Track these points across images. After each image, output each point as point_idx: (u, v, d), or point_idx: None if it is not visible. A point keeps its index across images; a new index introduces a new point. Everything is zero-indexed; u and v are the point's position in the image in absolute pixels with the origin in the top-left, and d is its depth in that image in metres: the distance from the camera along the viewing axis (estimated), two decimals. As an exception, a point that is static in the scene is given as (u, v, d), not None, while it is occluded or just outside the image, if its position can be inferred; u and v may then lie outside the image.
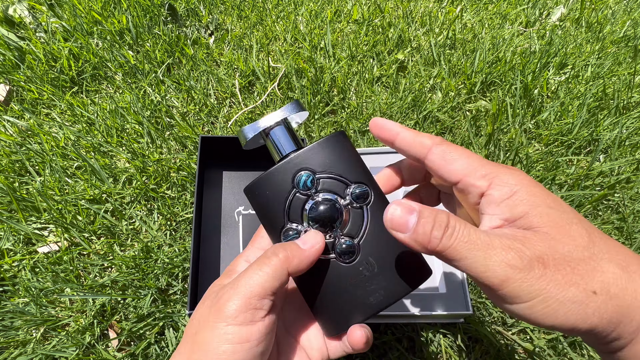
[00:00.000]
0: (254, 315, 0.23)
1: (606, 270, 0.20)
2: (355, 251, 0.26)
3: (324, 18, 0.84)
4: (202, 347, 0.23)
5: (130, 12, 0.79)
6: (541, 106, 0.68)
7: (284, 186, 0.27)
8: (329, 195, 0.26)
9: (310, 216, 0.26)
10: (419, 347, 0.44)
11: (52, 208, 0.51)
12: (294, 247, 0.25)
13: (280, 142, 0.29)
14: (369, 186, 0.27)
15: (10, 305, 0.44)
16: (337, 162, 0.27)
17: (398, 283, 0.26)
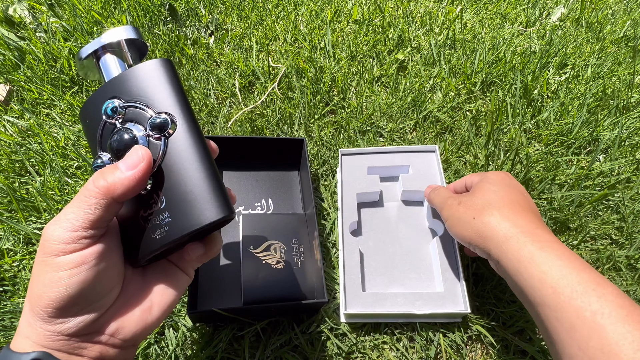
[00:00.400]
0: (84, 243, 0.23)
1: (492, 213, 0.36)
2: (147, 183, 0.25)
3: (324, 18, 0.84)
4: (39, 279, 0.23)
5: (130, 12, 0.79)
6: (541, 106, 0.68)
7: (98, 114, 0.26)
8: (130, 124, 0.25)
9: (114, 138, 0.25)
10: (418, 347, 0.44)
11: (52, 208, 0.51)
12: (116, 173, 0.23)
13: (107, 68, 0.27)
14: (173, 117, 0.25)
15: (10, 305, 0.44)
16: (147, 91, 0.26)
17: (184, 220, 0.24)
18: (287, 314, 0.45)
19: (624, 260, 0.49)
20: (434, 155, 0.55)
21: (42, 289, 0.23)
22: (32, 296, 0.23)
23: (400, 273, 0.48)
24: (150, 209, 0.25)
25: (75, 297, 0.23)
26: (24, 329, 0.24)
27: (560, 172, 0.59)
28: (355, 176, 0.53)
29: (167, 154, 0.25)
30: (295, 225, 0.50)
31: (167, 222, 0.25)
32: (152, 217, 0.25)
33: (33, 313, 0.23)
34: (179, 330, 0.44)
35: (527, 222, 0.34)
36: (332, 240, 0.52)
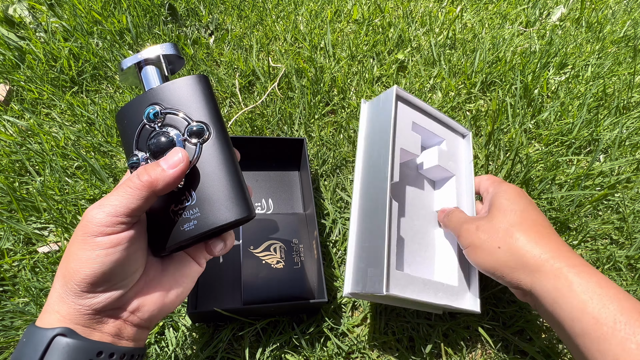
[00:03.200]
0: (121, 227, 0.26)
1: (517, 238, 0.34)
2: (181, 181, 0.28)
3: (324, 18, 0.84)
4: (77, 256, 0.26)
5: (130, 12, 0.79)
6: (541, 106, 0.68)
7: (137, 117, 0.29)
8: (169, 129, 0.29)
9: (152, 141, 0.28)
10: (418, 347, 0.44)
11: (52, 208, 0.51)
12: (159, 170, 0.27)
13: (148, 78, 0.31)
14: (208, 126, 0.29)
15: (10, 305, 0.44)
16: (185, 101, 0.29)
17: (211, 217, 0.28)
18: (287, 314, 0.45)
19: (624, 260, 0.49)
20: (464, 140, 0.50)
21: (79, 265, 0.25)
22: (68, 271, 0.26)
23: (414, 256, 0.43)
24: (181, 204, 0.28)
25: (108, 274, 0.26)
26: (54, 304, 0.26)
27: (560, 172, 0.59)
28: (400, 127, 0.44)
29: (200, 158, 0.28)
30: (295, 225, 0.50)
31: (196, 217, 0.28)
32: (182, 211, 0.28)
33: (67, 288, 0.26)
34: (179, 330, 0.44)
35: (556, 246, 0.33)
36: (332, 240, 0.52)
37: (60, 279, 0.26)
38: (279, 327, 0.44)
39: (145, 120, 0.29)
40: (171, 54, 0.32)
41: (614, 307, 0.28)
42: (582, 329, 0.28)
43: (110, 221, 0.26)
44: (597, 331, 0.27)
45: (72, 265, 0.26)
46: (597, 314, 0.28)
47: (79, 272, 0.25)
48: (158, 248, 0.29)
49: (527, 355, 0.44)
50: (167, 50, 0.31)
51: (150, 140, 0.28)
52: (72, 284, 0.26)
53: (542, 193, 0.56)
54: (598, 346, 0.27)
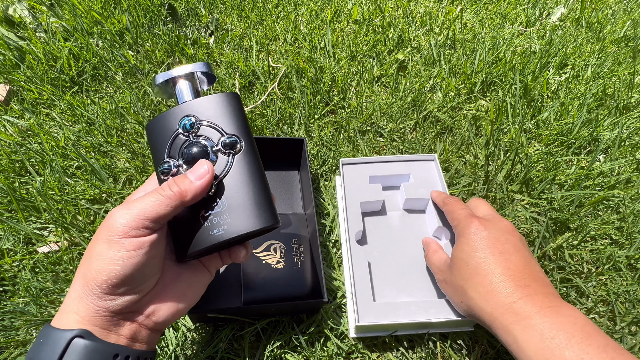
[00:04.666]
0: (144, 231, 0.27)
1: (470, 297, 0.36)
2: (212, 188, 0.30)
3: (324, 18, 0.84)
4: (100, 256, 0.26)
5: (130, 12, 0.79)
6: (541, 106, 0.68)
7: (171, 127, 0.31)
8: (203, 139, 0.31)
9: (187, 149, 0.30)
10: (418, 346, 0.44)
11: (52, 208, 0.51)
12: (187, 182, 0.28)
13: (182, 92, 0.33)
14: (240, 139, 0.31)
15: (10, 305, 0.44)
16: (219, 115, 0.31)
17: (240, 223, 0.29)
18: (287, 314, 0.45)
19: (624, 260, 0.49)
20: (433, 164, 0.55)
21: (102, 265, 0.26)
22: (90, 272, 0.26)
23: (408, 282, 0.47)
24: (211, 210, 0.29)
25: (128, 277, 0.26)
26: (73, 304, 0.26)
27: (560, 172, 0.59)
28: (357, 185, 0.52)
29: (232, 168, 0.30)
30: (296, 225, 0.50)
31: (225, 223, 0.29)
32: (212, 217, 0.29)
33: (87, 288, 0.26)
34: (179, 330, 0.44)
35: (505, 300, 0.33)
36: (332, 240, 0.52)
37: (81, 279, 0.27)
38: (279, 327, 0.44)
39: (181, 130, 0.31)
40: (204, 72, 0.34)
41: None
42: None
43: (137, 224, 0.26)
44: None
45: (95, 265, 0.26)
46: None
47: (101, 273, 0.26)
48: (184, 252, 0.30)
49: (527, 355, 0.44)
50: (200, 68, 0.34)
51: (185, 149, 0.30)
52: (94, 285, 0.26)
53: (542, 193, 0.56)
54: None
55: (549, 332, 0.29)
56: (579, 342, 0.28)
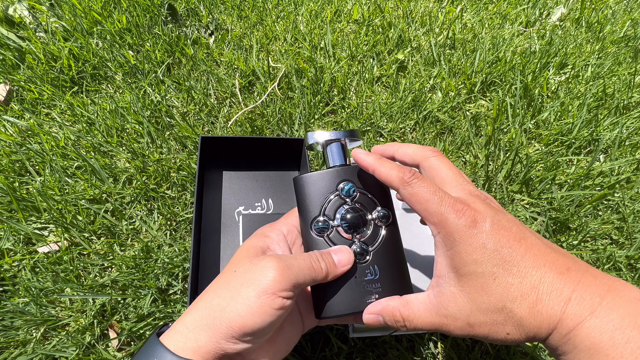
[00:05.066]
0: (292, 294, 0.27)
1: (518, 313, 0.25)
2: (367, 256, 0.31)
3: (324, 18, 0.84)
4: (247, 305, 0.26)
5: (130, 12, 0.79)
6: (541, 106, 0.68)
7: (329, 187, 0.33)
8: (360, 207, 0.33)
9: (342, 216, 0.32)
10: (418, 346, 0.44)
11: (52, 208, 0.51)
12: (332, 264, 0.30)
13: (334, 154, 0.35)
14: (391, 213, 0.33)
15: (11, 305, 0.44)
16: (374, 187, 0.33)
17: (391, 293, 0.31)
18: (288, 314, 0.45)
19: (624, 260, 0.49)
20: None
21: (245, 313, 0.26)
22: (229, 312, 0.26)
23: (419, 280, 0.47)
24: (365, 276, 0.31)
25: (261, 330, 0.26)
26: (196, 332, 0.26)
27: (560, 172, 0.59)
28: None
29: (383, 240, 0.32)
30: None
31: (377, 292, 0.31)
32: (365, 283, 0.31)
33: (218, 326, 0.26)
34: (179, 330, 0.44)
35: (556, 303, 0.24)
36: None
37: (215, 312, 0.26)
38: (279, 327, 0.44)
39: (341, 194, 0.33)
40: (354, 139, 0.37)
41: None
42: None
43: (290, 287, 0.27)
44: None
45: (238, 309, 0.26)
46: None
47: (241, 320, 0.26)
48: (330, 311, 0.31)
49: (527, 355, 0.44)
50: (352, 135, 0.36)
51: (345, 214, 0.32)
52: (228, 326, 0.26)
53: (542, 193, 0.56)
54: None
55: (620, 333, 0.21)
56: None
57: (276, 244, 0.32)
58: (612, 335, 0.21)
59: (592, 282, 0.23)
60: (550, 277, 0.24)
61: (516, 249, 0.25)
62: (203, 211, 0.51)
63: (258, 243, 0.31)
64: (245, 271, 0.28)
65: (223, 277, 0.29)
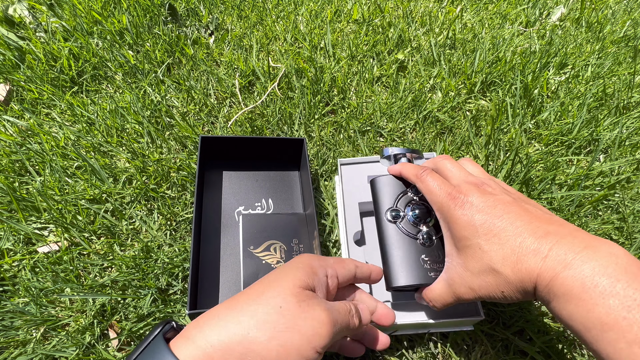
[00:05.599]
0: (325, 349, 0.29)
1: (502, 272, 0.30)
2: (433, 241, 0.39)
3: (324, 18, 0.84)
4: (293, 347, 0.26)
5: (130, 12, 0.79)
6: (541, 106, 0.68)
7: (400, 187, 0.42)
8: (426, 203, 0.41)
9: (412, 208, 0.40)
10: (418, 346, 0.44)
11: (52, 208, 0.51)
12: (366, 317, 0.34)
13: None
14: None
15: (10, 305, 0.44)
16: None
17: None
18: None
19: (624, 260, 0.49)
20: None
21: (282, 358, 0.26)
22: (270, 357, 0.26)
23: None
24: (431, 257, 0.38)
25: None
26: (226, 355, 0.25)
27: (560, 172, 0.59)
28: (356, 185, 0.52)
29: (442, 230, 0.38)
30: (295, 225, 0.50)
31: (441, 270, 0.37)
32: (430, 263, 0.38)
33: (246, 358, 0.25)
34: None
35: (533, 261, 0.29)
36: (332, 240, 0.52)
37: (254, 347, 0.25)
38: (279, 327, 0.44)
39: (410, 192, 0.41)
40: (418, 156, 0.45)
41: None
42: None
43: (329, 345, 0.28)
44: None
45: (280, 354, 0.26)
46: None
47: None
48: (398, 281, 0.38)
49: (527, 355, 0.44)
50: (416, 153, 0.45)
51: (415, 207, 0.40)
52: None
53: (542, 193, 0.56)
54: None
55: (590, 280, 0.25)
56: (625, 288, 0.24)
57: (321, 286, 0.32)
58: (582, 282, 0.25)
59: (570, 241, 0.27)
60: (529, 241, 0.28)
61: (498, 223, 0.30)
62: (203, 211, 0.51)
63: (307, 280, 0.30)
64: (293, 315, 0.27)
65: (264, 307, 0.27)
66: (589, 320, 0.25)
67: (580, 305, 0.25)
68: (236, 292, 0.46)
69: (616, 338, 0.24)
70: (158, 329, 0.27)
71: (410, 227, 0.39)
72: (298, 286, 0.29)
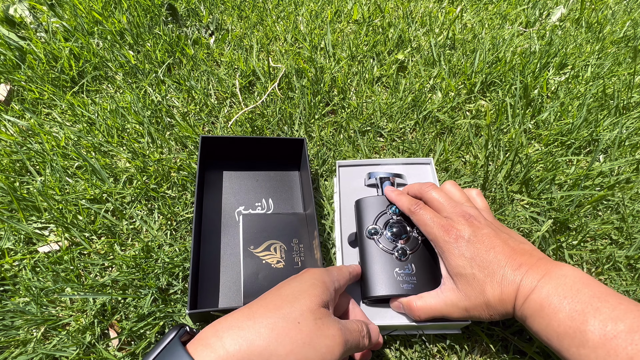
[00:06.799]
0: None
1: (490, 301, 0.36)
2: (407, 256, 0.43)
3: (324, 18, 0.84)
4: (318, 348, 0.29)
5: (130, 12, 0.79)
6: (541, 106, 0.68)
7: (380, 207, 0.46)
8: (404, 222, 0.45)
9: (390, 226, 0.44)
10: (418, 346, 0.44)
11: (52, 208, 0.51)
12: (375, 342, 0.36)
13: (383, 187, 0.49)
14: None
15: (11, 305, 0.44)
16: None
17: (423, 288, 0.41)
18: (288, 313, 0.45)
19: (623, 261, 0.49)
20: (429, 167, 0.55)
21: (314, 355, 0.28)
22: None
23: None
24: (404, 270, 0.42)
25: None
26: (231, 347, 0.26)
27: (560, 172, 0.59)
28: (353, 187, 0.53)
29: (419, 247, 0.44)
30: (296, 225, 0.50)
31: (413, 283, 0.41)
32: (403, 275, 0.42)
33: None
34: (179, 329, 0.44)
35: (512, 290, 0.35)
36: (332, 240, 0.52)
37: (274, 358, 0.27)
38: (279, 327, 0.44)
39: (389, 211, 0.46)
40: (400, 179, 0.51)
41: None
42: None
43: (344, 355, 0.30)
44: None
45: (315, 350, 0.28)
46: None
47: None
48: (373, 292, 0.41)
49: (526, 355, 0.44)
50: (398, 176, 0.51)
51: (392, 225, 0.44)
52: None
53: (541, 193, 0.56)
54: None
55: (546, 300, 0.32)
56: (570, 302, 0.31)
57: (332, 301, 0.34)
58: (541, 303, 0.32)
59: (535, 270, 0.34)
60: (508, 274, 0.34)
61: (486, 257, 0.36)
62: (203, 211, 0.52)
63: (322, 297, 0.32)
64: (310, 332, 0.29)
65: (283, 321, 0.29)
66: (548, 332, 0.31)
67: (542, 321, 0.32)
68: (236, 292, 0.46)
69: (569, 344, 0.29)
70: (174, 333, 0.28)
71: (387, 243, 0.43)
72: (315, 303, 0.31)
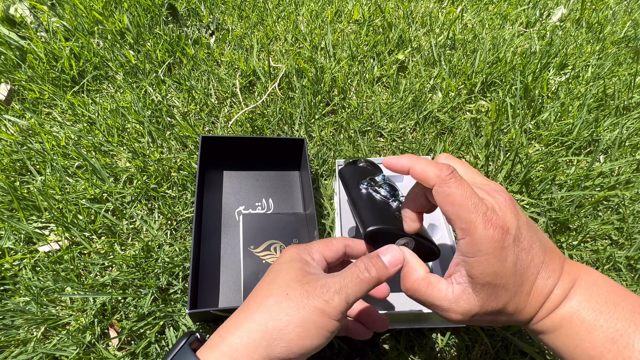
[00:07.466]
0: (342, 316, 0.29)
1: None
2: (397, 200, 0.39)
3: (324, 18, 0.84)
4: (309, 330, 0.27)
5: (131, 12, 0.79)
6: (541, 107, 0.68)
7: (366, 174, 0.42)
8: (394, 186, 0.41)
9: (384, 185, 0.40)
10: (418, 346, 0.44)
11: (53, 207, 0.51)
12: (382, 267, 0.30)
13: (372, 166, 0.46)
14: None
15: (11, 304, 0.44)
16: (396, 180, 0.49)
17: (422, 240, 0.36)
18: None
19: (623, 261, 0.49)
20: None
21: (306, 337, 0.27)
22: (292, 336, 0.27)
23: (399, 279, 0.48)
24: (398, 210, 0.38)
25: (314, 349, 0.28)
26: (254, 355, 0.26)
27: (560, 172, 0.59)
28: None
29: None
30: (296, 224, 0.50)
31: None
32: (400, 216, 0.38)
33: (277, 348, 0.26)
34: (179, 329, 0.44)
35: (543, 299, 0.29)
36: (332, 240, 0.52)
37: (276, 334, 0.26)
38: (279, 327, 0.44)
39: (378, 178, 0.42)
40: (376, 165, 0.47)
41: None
42: None
43: (345, 308, 0.28)
44: None
45: (299, 332, 0.27)
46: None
47: (302, 344, 0.27)
48: (373, 224, 0.36)
49: (526, 355, 0.44)
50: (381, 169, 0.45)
51: (385, 185, 0.41)
52: (288, 350, 0.26)
53: (542, 193, 0.56)
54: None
55: (577, 315, 0.27)
56: (607, 319, 0.26)
57: (319, 266, 0.32)
58: (570, 317, 0.27)
59: (565, 277, 0.28)
60: (540, 283, 0.28)
61: (525, 261, 0.28)
62: (203, 211, 0.52)
63: (305, 267, 0.31)
64: (301, 296, 0.28)
65: (274, 298, 0.28)
66: (576, 354, 0.26)
67: (569, 341, 0.26)
68: (236, 292, 0.46)
69: None
70: (184, 340, 0.28)
71: (384, 193, 0.40)
72: (298, 270, 0.30)
